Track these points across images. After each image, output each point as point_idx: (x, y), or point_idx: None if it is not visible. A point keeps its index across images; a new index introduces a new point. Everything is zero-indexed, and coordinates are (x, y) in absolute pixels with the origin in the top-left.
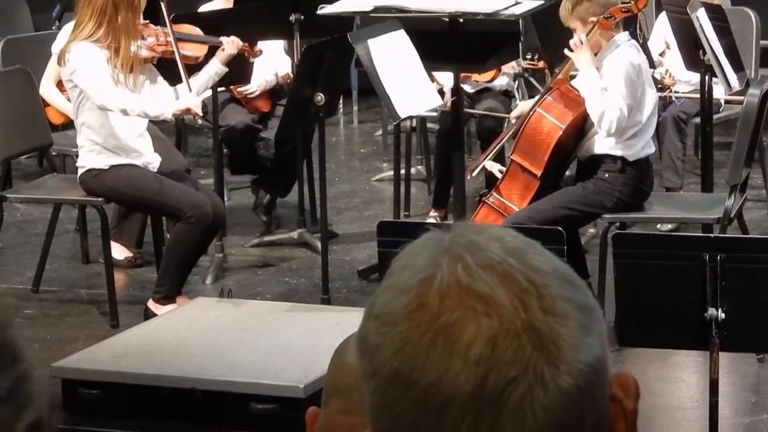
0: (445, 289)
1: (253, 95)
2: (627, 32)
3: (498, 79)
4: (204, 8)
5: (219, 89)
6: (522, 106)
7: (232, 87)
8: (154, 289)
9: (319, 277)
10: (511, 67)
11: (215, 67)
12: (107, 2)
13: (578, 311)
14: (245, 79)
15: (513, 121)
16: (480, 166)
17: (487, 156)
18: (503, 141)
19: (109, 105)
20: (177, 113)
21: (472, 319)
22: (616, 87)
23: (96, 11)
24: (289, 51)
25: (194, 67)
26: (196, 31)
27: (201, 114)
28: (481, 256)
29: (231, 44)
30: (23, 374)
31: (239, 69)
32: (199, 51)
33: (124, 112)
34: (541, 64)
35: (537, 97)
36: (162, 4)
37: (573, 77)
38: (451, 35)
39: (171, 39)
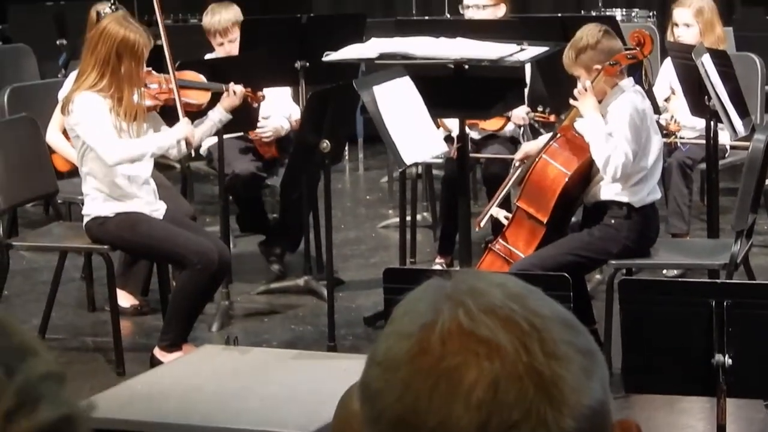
0: (447, 334)
1: (268, 139)
2: (631, 78)
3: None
4: (209, 56)
5: (225, 136)
6: (525, 147)
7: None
8: (160, 337)
9: (325, 324)
10: (521, 119)
11: (219, 115)
12: (110, 52)
13: (580, 355)
14: (250, 125)
15: (517, 163)
16: (487, 215)
17: (493, 203)
18: (509, 186)
19: (120, 160)
20: (180, 139)
21: (474, 363)
22: (621, 132)
23: (99, 61)
24: (295, 98)
25: (198, 113)
26: (200, 77)
27: (195, 144)
28: (482, 301)
29: (235, 93)
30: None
31: (243, 115)
32: (202, 98)
33: (135, 161)
34: (552, 117)
35: (543, 142)
36: (166, 51)
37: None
38: (457, 82)
39: (173, 86)
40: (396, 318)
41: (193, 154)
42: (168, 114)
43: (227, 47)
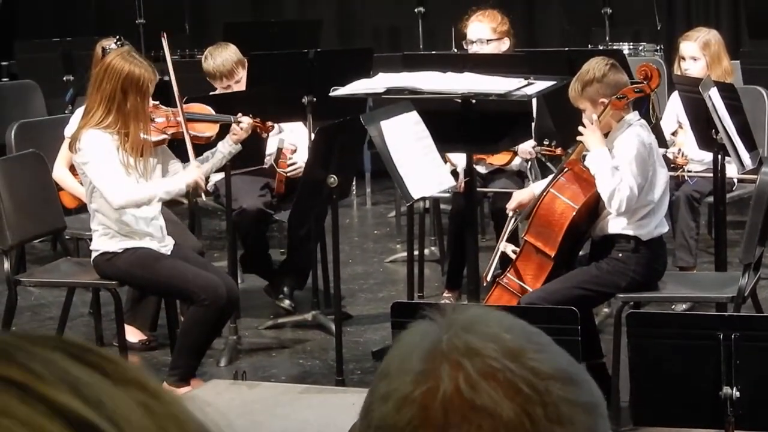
0: (449, 403)
1: (297, 175)
2: (637, 112)
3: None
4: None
5: (232, 172)
6: (518, 196)
7: (279, 163)
8: (168, 372)
9: (333, 358)
10: (528, 153)
11: (228, 147)
12: (116, 89)
13: (583, 413)
14: (258, 157)
15: (510, 213)
16: (493, 266)
17: (493, 261)
18: (517, 219)
19: (125, 203)
20: (189, 184)
21: None
22: (627, 166)
23: (105, 98)
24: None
25: (206, 146)
26: (208, 110)
27: (205, 188)
28: (480, 364)
29: (244, 126)
30: None
31: (252, 148)
32: (210, 130)
33: (141, 205)
34: (558, 150)
35: (536, 188)
36: (173, 85)
37: (586, 158)
38: (464, 116)
39: (180, 119)
40: (389, 373)
41: (203, 197)
42: (177, 148)
43: (234, 89)
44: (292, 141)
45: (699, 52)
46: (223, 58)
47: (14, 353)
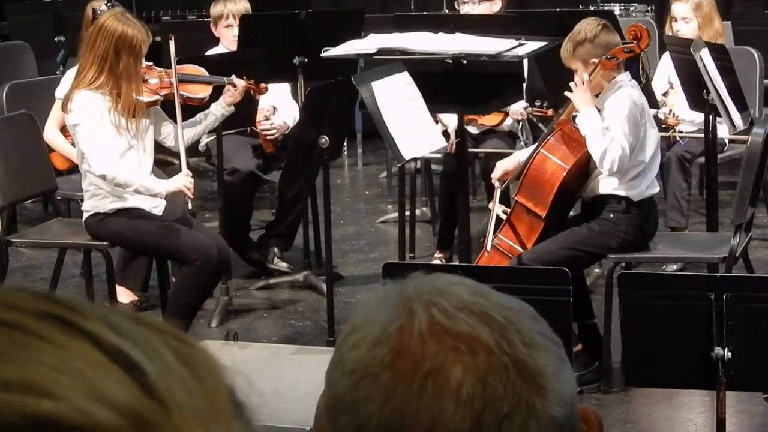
0: (426, 333)
1: (273, 136)
2: (628, 72)
3: (504, 122)
4: (209, 53)
5: (223, 133)
6: (502, 165)
7: (256, 122)
8: None
9: (324, 319)
10: (519, 114)
11: (221, 109)
12: (108, 49)
13: (552, 344)
14: (250, 119)
15: (496, 183)
16: (490, 236)
17: (490, 231)
18: (507, 180)
19: (105, 173)
20: (171, 191)
21: (458, 360)
22: (618, 126)
23: (97, 58)
24: (294, 94)
25: (199, 108)
26: (201, 71)
27: (192, 196)
28: (453, 300)
29: (237, 87)
30: None
31: (244, 110)
32: (204, 91)
33: (117, 185)
34: (550, 112)
35: (521, 156)
36: (171, 44)
37: (576, 118)
38: (455, 77)
39: (173, 80)
40: (357, 327)
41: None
42: (171, 110)
43: (236, 30)
44: (271, 101)
45: (691, 13)
46: (235, 6)
47: (60, 297)
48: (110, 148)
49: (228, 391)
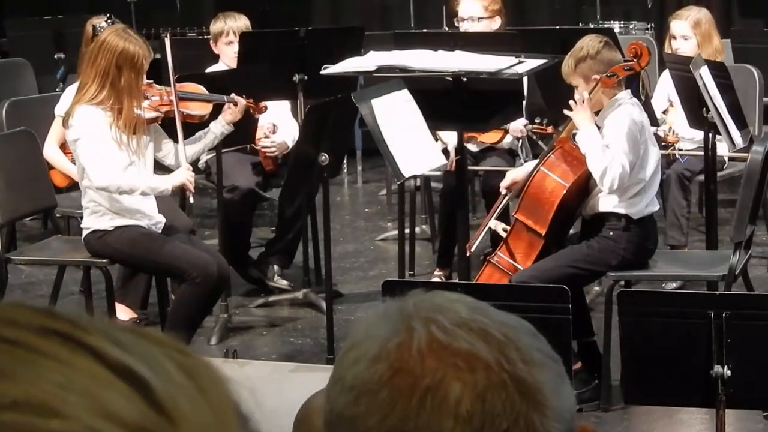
0: (425, 350)
1: (273, 153)
2: (629, 90)
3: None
4: (209, 70)
5: (223, 150)
6: (511, 174)
7: (256, 140)
8: None
9: (324, 337)
10: (519, 131)
11: (221, 128)
12: (110, 64)
13: (551, 361)
14: (250, 137)
15: (504, 191)
16: (478, 240)
17: (482, 230)
18: (508, 198)
19: (106, 185)
20: (176, 186)
21: (457, 376)
22: (618, 144)
23: (99, 73)
24: (294, 111)
25: (199, 125)
26: (201, 89)
27: (193, 190)
28: (452, 317)
29: (236, 106)
30: None
31: (244, 127)
32: (203, 110)
33: (122, 192)
34: (549, 129)
35: (529, 168)
36: (169, 63)
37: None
38: (455, 95)
39: (173, 98)
40: (356, 343)
41: (191, 199)
42: (171, 127)
43: (236, 47)
44: (272, 119)
45: (690, 30)
46: (235, 23)
47: (60, 312)
48: (112, 160)
49: (233, 403)
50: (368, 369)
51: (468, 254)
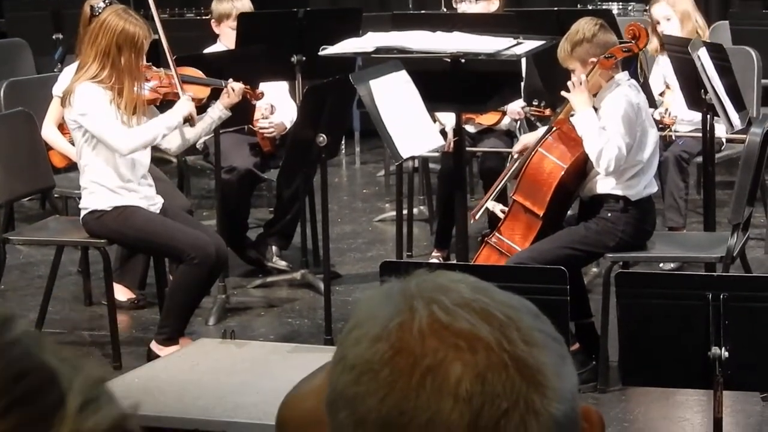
0: (426, 330)
1: (270, 134)
2: (626, 72)
3: (502, 121)
4: (207, 51)
5: (221, 131)
6: (524, 139)
7: (254, 121)
8: (157, 331)
9: (321, 317)
10: (517, 113)
11: (218, 112)
12: (111, 44)
13: (553, 341)
14: (248, 118)
15: (515, 155)
16: (483, 208)
17: (489, 195)
18: (505, 180)
19: (134, 147)
20: (185, 116)
21: (457, 357)
22: (614, 126)
23: (99, 53)
24: (291, 92)
25: (197, 109)
26: (198, 73)
27: (195, 119)
28: (454, 297)
29: (234, 91)
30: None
31: (241, 112)
32: (201, 93)
33: (148, 145)
34: (547, 111)
35: (540, 135)
36: (164, 45)
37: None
38: (453, 76)
39: (175, 81)
40: (359, 323)
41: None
42: (167, 108)
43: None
44: (270, 100)
45: (669, 10)
46: (242, 2)
47: None
48: (120, 124)
49: None
50: (369, 348)
51: (472, 221)
